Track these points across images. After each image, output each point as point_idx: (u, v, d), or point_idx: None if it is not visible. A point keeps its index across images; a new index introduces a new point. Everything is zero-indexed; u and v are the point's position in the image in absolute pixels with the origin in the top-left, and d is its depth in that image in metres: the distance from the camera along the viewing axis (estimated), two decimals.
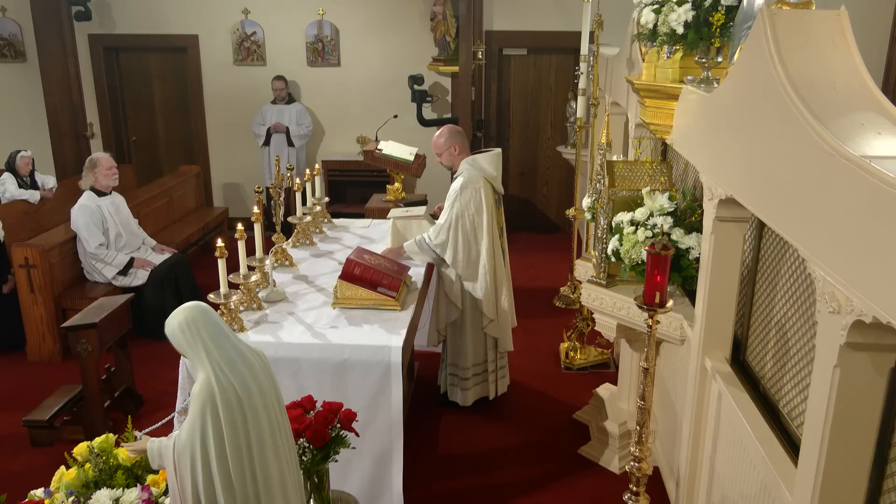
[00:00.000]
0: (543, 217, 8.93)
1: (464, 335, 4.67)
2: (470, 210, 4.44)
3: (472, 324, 4.63)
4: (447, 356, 4.79)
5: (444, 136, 4.58)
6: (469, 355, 4.69)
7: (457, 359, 4.73)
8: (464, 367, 4.72)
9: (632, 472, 3.07)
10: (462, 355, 4.70)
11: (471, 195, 4.43)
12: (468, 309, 4.60)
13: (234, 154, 8.91)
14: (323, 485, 3.14)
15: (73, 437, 4.29)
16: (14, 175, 6.83)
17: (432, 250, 4.49)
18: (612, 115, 5.12)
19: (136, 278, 5.79)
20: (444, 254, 4.47)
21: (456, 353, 4.72)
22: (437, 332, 4.71)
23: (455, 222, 4.44)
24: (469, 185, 4.44)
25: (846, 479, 2.07)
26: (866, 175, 1.73)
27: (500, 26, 8.26)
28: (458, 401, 4.80)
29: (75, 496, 2.87)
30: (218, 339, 2.42)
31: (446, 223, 4.45)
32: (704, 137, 2.98)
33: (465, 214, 4.44)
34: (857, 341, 1.88)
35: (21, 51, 8.74)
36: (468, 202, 4.43)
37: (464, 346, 4.68)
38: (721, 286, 3.05)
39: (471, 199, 4.43)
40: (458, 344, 4.70)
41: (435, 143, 4.61)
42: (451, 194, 4.49)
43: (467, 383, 4.75)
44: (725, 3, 2.92)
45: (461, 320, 4.63)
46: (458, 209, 4.44)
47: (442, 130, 4.62)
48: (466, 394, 4.78)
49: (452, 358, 4.75)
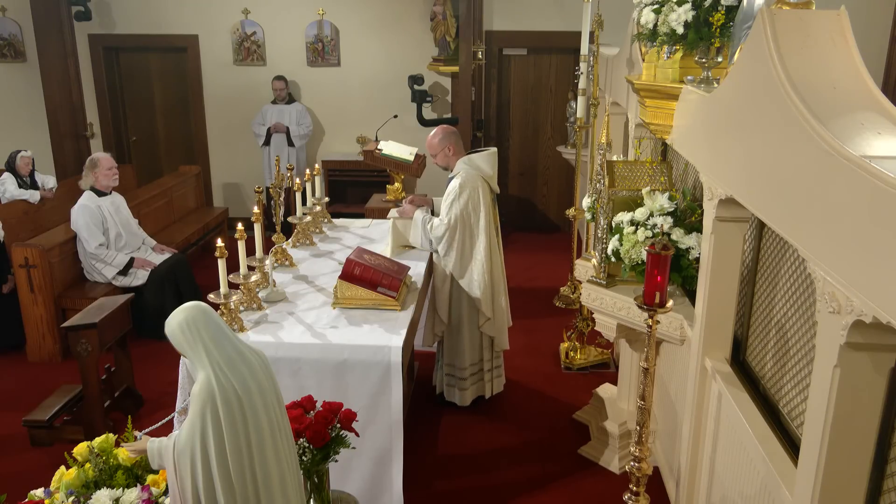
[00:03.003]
0: (543, 217, 8.93)
1: (461, 335, 4.68)
2: (468, 210, 4.49)
3: (469, 323, 4.66)
4: (443, 357, 4.81)
5: (438, 137, 4.61)
6: (466, 355, 4.70)
7: (454, 359, 4.74)
8: (461, 367, 4.74)
9: (632, 472, 3.07)
10: (459, 355, 4.71)
11: (469, 195, 4.48)
12: (465, 309, 4.63)
13: (234, 154, 8.91)
14: (323, 485, 3.14)
15: (73, 437, 4.29)
16: (14, 175, 6.83)
17: (428, 239, 4.58)
18: (612, 115, 5.13)
19: (136, 278, 5.79)
20: (436, 246, 4.55)
21: (453, 353, 4.74)
22: (432, 335, 4.73)
23: (455, 222, 4.49)
24: (467, 184, 4.48)
25: (846, 479, 2.07)
26: (866, 175, 1.73)
27: (500, 26, 8.26)
28: (457, 401, 4.81)
29: (75, 496, 2.87)
30: (218, 339, 2.42)
31: (447, 221, 4.50)
32: (704, 137, 2.98)
33: (464, 214, 4.48)
34: (857, 341, 1.88)
35: (21, 51, 8.74)
36: (467, 202, 4.47)
37: (461, 346, 4.70)
38: (721, 286, 3.06)
39: (469, 199, 4.48)
40: (454, 344, 4.72)
41: (429, 144, 4.64)
42: (450, 193, 4.52)
43: (465, 383, 4.76)
44: (725, 3, 2.92)
45: (458, 321, 4.66)
46: (459, 209, 4.48)
47: (436, 131, 4.64)
48: (465, 394, 4.79)
49: (449, 358, 4.76)
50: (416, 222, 4.62)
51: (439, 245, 4.55)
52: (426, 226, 4.57)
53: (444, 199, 4.58)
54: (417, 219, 4.62)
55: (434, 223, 4.55)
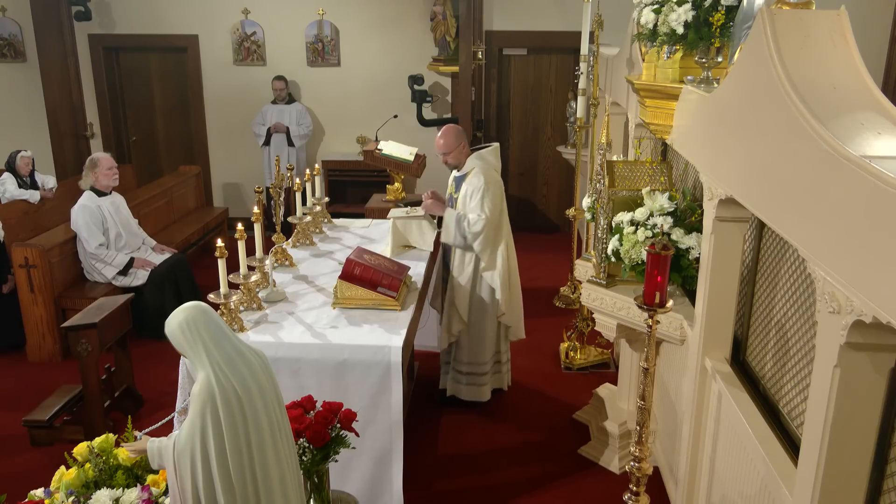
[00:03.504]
0: (543, 217, 8.93)
1: (482, 329, 4.69)
2: (495, 203, 4.49)
3: (490, 317, 4.67)
4: (457, 356, 4.77)
5: (453, 135, 4.59)
6: (487, 349, 4.73)
7: (474, 356, 4.73)
8: (482, 363, 4.74)
9: (632, 472, 3.07)
10: (480, 351, 4.72)
11: (494, 188, 4.50)
12: (486, 303, 4.64)
13: (234, 154, 8.91)
14: (323, 485, 3.14)
15: (73, 437, 4.29)
16: (14, 175, 6.83)
17: (463, 236, 4.49)
18: (612, 115, 5.13)
19: (136, 278, 5.79)
20: (472, 242, 4.48)
21: (473, 350, 4.72)
22: (448, 335, 4.70)
23: (491, 216, 4.47)
24: (489, 178, 4.50)
25: (846, 479, 2.07)
26: (866, 175, 1.73)
27: (500, 26, 8.26)
28: (476, 398, 4.81)
29: (75, 496, 2.87)
30: (218, 339, 2.42)
31: (484, 216, 4.44)
32: (704, 137, 2.98)
33: (495, 209, 4.49)
34: (857, 341, 1.88)
35: (21, 51, 8.74)
36: (494, 195, 4.49)
37: (482, 341, 4.71)
38: (721, 286, 3.06)
39: (495, 193, 4.50)
40: (475, 340, 4.70)
41: (445, 142, 4.57)
42: (476, 189, 4.47)
43: (485, 378, 4.78)
44: (725, 3, 2.92)
45: (480, 315, 4.66)
46: (490, 203, 4.46)
47: (447, 130, 4.61)
48: (484, 388, 4.80)
49: (469, 356, 4.73)
50: (450, 220, 4.53)
51: (475, 241, 4.49)
52: (462, 223, 4.49)
53: (468, 196, 4.50)
54: (451, 217, 4.53)
55: (470, 219, 4.46)
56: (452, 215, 4.53)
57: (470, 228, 4.46)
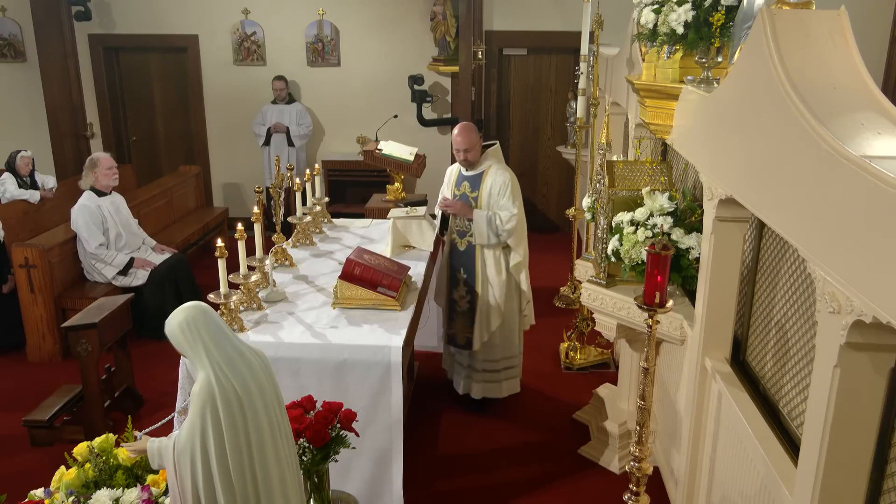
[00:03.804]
0: (543, 217, 8.93)
1: (514, 324, 4.71)
2: (521, 199, 4.51)
3: (518, 310, 4.71)
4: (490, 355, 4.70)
5: (474, 132, 4.54)
6: (517, 343, 4.76)
7: (507, 350, 4.72)
8: (511, 356, 4.76)
9: (632, 472, 3.07)
10: (511, 344, 4.73)
11: (516, 184, 4.52)
12: (514, 299, 4.66)
13: (234, 154, 8.91)
14: (323, 485, 3.14)
15: (73, 437, 4.29)
16: (14, 175, 6.83)
17: (497, 234, 4.46)
18: (612, 115, 5.13)
19: (136, 278, 5.79)
20: (506, 239, 4.48)
21: (506, 345, 4.70)
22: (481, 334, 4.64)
23: (520, 213, 4.48)
24: (509, 174, 4.51)
25: (846, 479, 2.07)
26: (866, 175, 1.73)
27: (500, 26, 8.26)
28: (514, 391, 4.83)
29: (75, 496, 2.87)
30: (218, 339, 2.42)
31: (516, 213, 4.44)
32: (704, 137, 2.98)
33: (522, 205, 4.51)
34: (857, 341, 1.88)
35: (21, 51, 8.74)
36: (518, 191, 4.51)
37: (513, 334, 4.72)
38: (721, 286, 3.06)
39: (518, 188, 4.52)
40: (507, 336, 4.69)
41: (467, 139, 4.48)
42: (502, 186, 4.45)
43: (514, 371, 4.81)
44: (725, 3, 2.92)
45: (511, 312, 4.66)
46: (518, 199, 4.48)
47: (466, 127, 4.53)
48: (515, 381, 4.84)
49: (503, 353, 4.71)
50: (481, 221, 4.48)
51: (510, 238, 4.49)
52: (494, 221, 4.46)
53: (496, 193, 4.46)
54: (481, 217, 4.48)
55: (503, 217, 4.45)
56: (483, 216, 4.48)
57: (504, 226, 4.45)
